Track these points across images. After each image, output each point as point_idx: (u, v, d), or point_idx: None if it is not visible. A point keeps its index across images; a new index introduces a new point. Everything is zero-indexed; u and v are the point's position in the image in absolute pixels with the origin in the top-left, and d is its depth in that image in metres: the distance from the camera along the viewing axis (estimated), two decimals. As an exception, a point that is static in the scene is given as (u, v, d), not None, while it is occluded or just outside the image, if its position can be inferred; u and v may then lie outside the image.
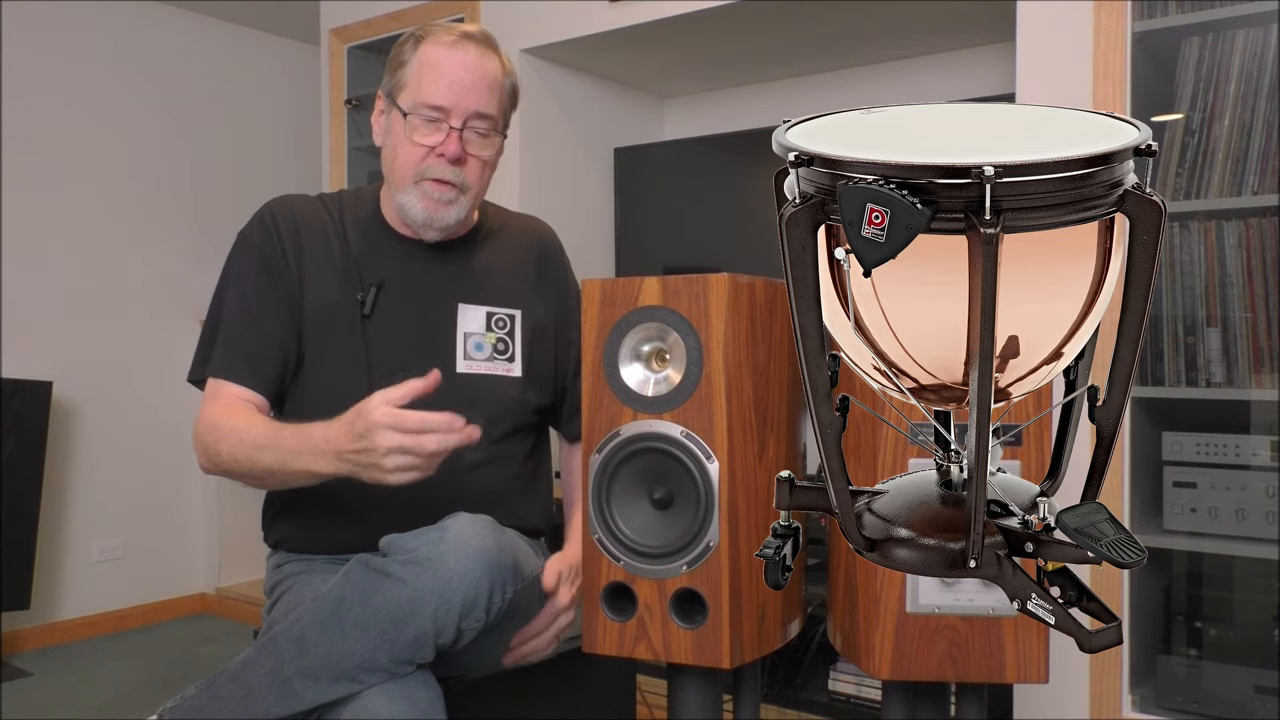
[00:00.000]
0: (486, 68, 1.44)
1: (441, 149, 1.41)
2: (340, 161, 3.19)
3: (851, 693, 2.21)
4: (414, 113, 1.42)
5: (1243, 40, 1.82)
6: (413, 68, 1.43)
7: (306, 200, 1.55)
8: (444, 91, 1.41)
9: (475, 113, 1.43)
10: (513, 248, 1.59)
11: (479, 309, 1.53)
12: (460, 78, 1.42)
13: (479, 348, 1.51)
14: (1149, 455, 1.89)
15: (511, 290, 1.56)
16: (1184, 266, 1.87)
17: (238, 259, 1.50)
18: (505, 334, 1.54)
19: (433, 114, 1.41)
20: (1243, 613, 1.90)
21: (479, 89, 1.43)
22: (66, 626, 3.34)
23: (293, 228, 1.49)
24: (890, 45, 2.63)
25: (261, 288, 1.46)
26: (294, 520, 1.52)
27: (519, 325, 1.55)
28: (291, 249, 1.48)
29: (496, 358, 1.53)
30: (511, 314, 1.55)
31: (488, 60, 1.45)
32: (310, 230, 1.50)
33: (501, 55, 1.48)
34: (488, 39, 1.47)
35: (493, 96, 1.45)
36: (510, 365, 1.54)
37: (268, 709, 1.25)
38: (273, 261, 1.47)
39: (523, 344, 1.55)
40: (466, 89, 1.42)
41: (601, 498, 1.32)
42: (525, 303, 1.56)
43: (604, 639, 1.32)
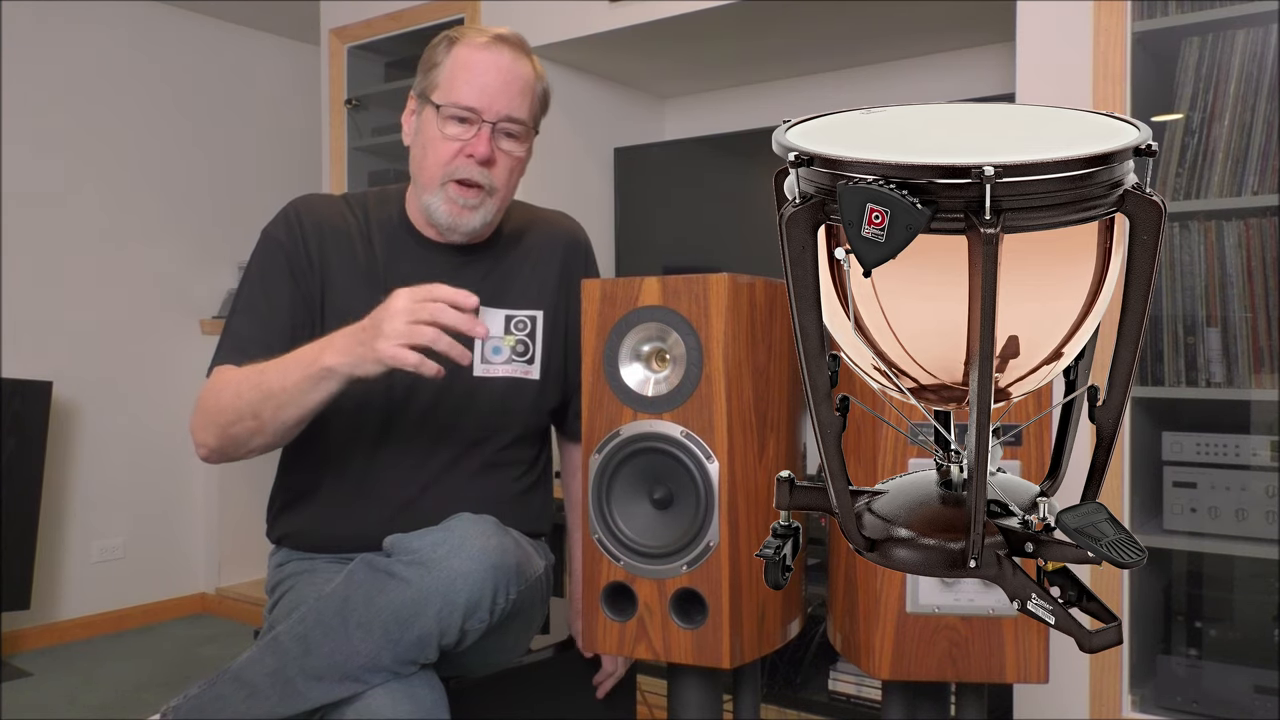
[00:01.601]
0: (519, 70, 1.44)
1: (471, 149, 1.41)
2: (340, 161, 3.19)
3: (851, 693, 2.21)
4: (446, 110, 1.42)
5: (1243, 40, 1.82)
6: (446, 68, 1.43)
7: (331, 200, 1.55)
8: (477, 93, 1.41)
9: (507, 116, 1.43)
10: (538, 246, 1.58)
11: (498, 313, 1.52)
12: (493, 80, 1.42)
13: (496, 351, 1.51)
14: (1149, 455, 1.89)
15: (535, 291, 1.55)
16: (1184, 266, 1.87)
17: (260, 255, 1.49)
18: (525, 335, 1.53)
19: (465, 113, 1.41)
20: (1243, 613, 1.90)
21: (511, 92, 1.43)
22: (66, 626, 3.34)
23: (318, 229, 1.49)
24: (890, 45, 2.63)
25: (279, 286, 1.45)
26: (297, 516, 1.52)
27: (540, 326, 1.54)
28: (316, 250, 1.47)
29: (515, 360, 1.52)
30: (532, 315, 1.54)
31: (520, 63, 1.45)
32: (335, 231, 1.49)
33: (534, 60, 1.49)
34: (521, 43, 1.47)
35: (525, 100, 1.45)
36: (529, 368, 1.53)
37: (271, 709, 1.25)
38: (296, 262, 1.46)
39: (544, 345, 1.54)
40: (499, 91, 1.42)
41: (601, 498, 1.32)
42: (548, 302, 1.55)
43: (604, 639, 1.32)
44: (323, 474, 1.49)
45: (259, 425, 1.33)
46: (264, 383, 1.31)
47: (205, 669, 2.93)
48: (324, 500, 1.48)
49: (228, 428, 1.35)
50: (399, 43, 3.10)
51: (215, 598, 3.71)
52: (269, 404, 1.31)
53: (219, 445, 1.38)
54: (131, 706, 2.73)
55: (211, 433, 1.38)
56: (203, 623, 3.60)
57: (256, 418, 1.32)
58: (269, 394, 1.31)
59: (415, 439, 1.47)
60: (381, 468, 1.47)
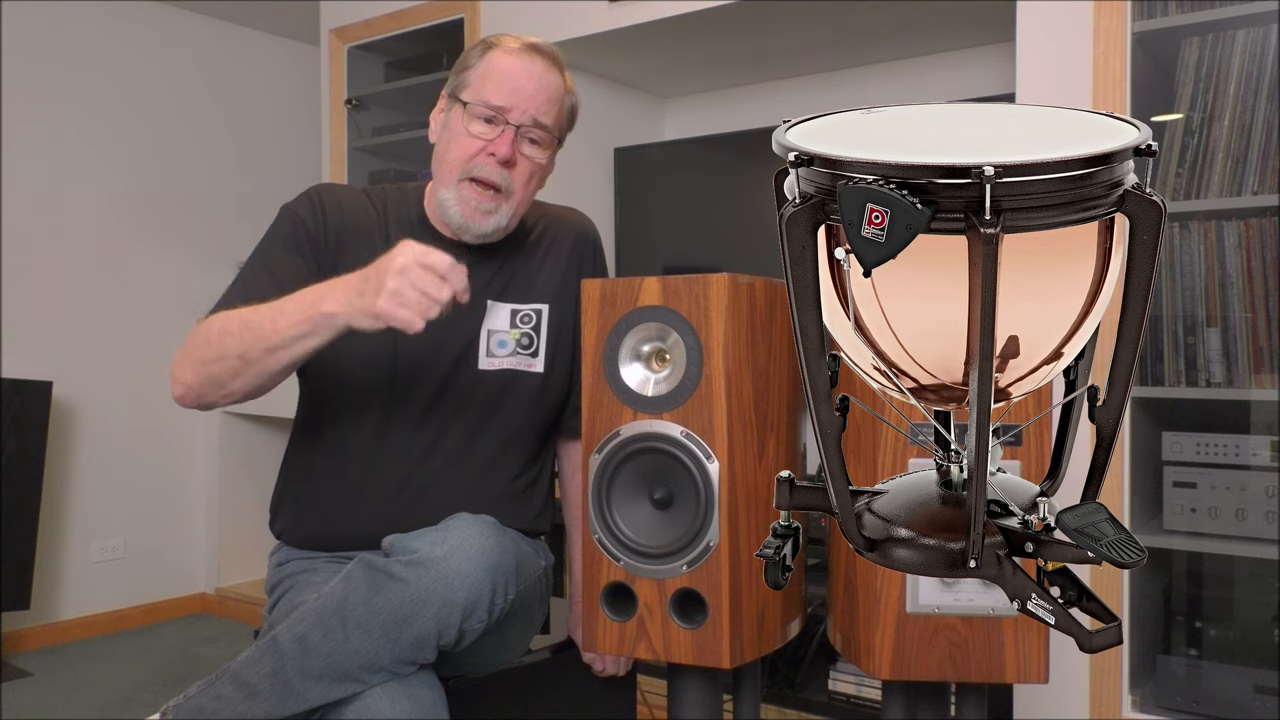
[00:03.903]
0: (550, 79, 1.46)
1: (493, 148, 1.42)
2: (340, 161, 3.19)
3: (851, 693, 2.21)
4: (474, 107, 1.43)
5: (1243, 40, 1.82)
6: (478, 70, 1.45)
7: (354, 191, 1.56)
8: (505, 94, 1.43)
9: (533, 119, 1.44)
10: (547, 241, 1.59)
11: (505, 306, 1.53)
12: (523, 84, 1.44)
13: (502, 345, 1.52)
14: (1149, 455, 1.89)
15: (542, 285, 1.56)
16: (1184, 266, 1.87)
17: (279, 227, 1.49)
18: (530, 329, 1.53)
19: (491, 112, 1.43)
20: (1243, 613, 1.90)
21: (540, 98, 1.45)
22: (66, 626, 3.34)
23: (339, 215, 1.50)
24: (890, 45, 2.63)
25: (294, 257, 1.45)
26: (298, 512, 1.52)
27: (545, 320, 1.55)
28: (335, 235, 1.48)
29: (520, 353, 1.52)
30: (538, 309, 1.54)
31: (551, 74, 1.47)
32: (355, 221, 1.50)
33: (566, 75, 1.51)
34: (555, 55, 1.49)
35: (552, 108, 1.47)
36: (533, 360, 1.53)
37: (270, 709, 1.25)
38: (314, 240, 1.47)
39: (549, 338, 1.54)
40: (529, 95, 1.44)
41: (601, 498, 1.32)
42: (554, 296, 1.56)
43: (604, 639, 1.32)
44: (325, 464, 1.49)
45: (242, 365, 1.30)
46: (256, 321, 1.29)
47: (205, 669, 2.93)
48: (326, 491, 1.49)
49: (209, 364, 1.32)
50: (399, 43, 3.10)
51: (215, 598, 3.71)
52: (257, 345, 1.28)
53: (196, 384, 1.35)
54: (131, 706, 2.73)
55: (191, 369, 1.35)
56: (202, 623, 3.60)
57: (241, 357, 1.30)
58: (260, 335, 1.28)
59: (418, 430, 1.48)
60: (383, 458, 1.47)
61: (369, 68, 3.20)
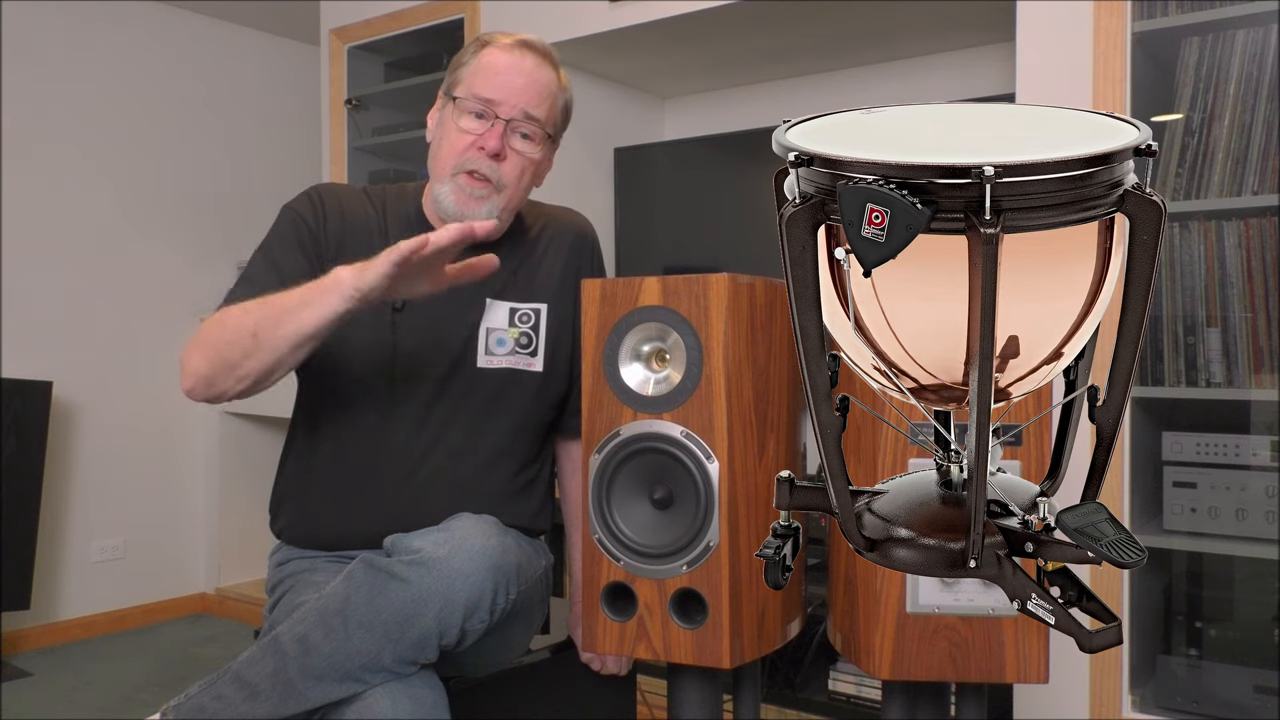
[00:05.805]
0: (541, 75, 1.47)
1: (483, 141, 1.43)
2: (340, 161, 3.19)
3: (851, 693, 2.21)
4: (464, 102, 1.45)
5: (1243, 40, 1.82)
6: (471, 66, 1.47)
7: (353, 191, 1.58)
8: (495, 88, 1.44)
9: (523, 112, 1.45)
10: (545, 241, 1.60)
11: (504, 305, 1.53)
12: (514, 79, 1.45)
13: (500, 343, 1.52)
14: (1149, 455, 1.89)
15: (541, 284, 1.56)
16: (1184, 266, 1.87)
17: (281, 226, 1.50)
18: (529, 328, 1.54)
19: (481, 107, 1.44)
20: (1243, 613, 1.90)
21: (530, 92, 1.45)
22: (66, 626, 3.34)
23: (339, 214, 1.51)
24: (890, 45, 2.63)
25: (296, 255, 1.46)
26: (299, 511, 1.52)
27: (544, 319, 1.55)
28: (335, 235, 1.49)
29: (519, 352, 1.53)
30: (536, 308, 1.55)
31: (543, 69, 1.48)
32: (355, 221, 1.51)
33: (560, 71, 1.51)
34: (548, 52, 1.50)
35: (543, 102, 1.47)
36: (531, 360, 1.54)
37: (271, 709, 1.25)
38: (315, 239, 1.48)
39: (547, 338, 1.55)
40: (519, 90, 1.45)
41: (601, 498, 1.32)
42: (552, 296, 1.56)
43: (604, 639, 1.32)
44: (325, 463, 1.50)
45: (254, 344, 1.29)
46: (269, 300, 1.31)
47: (205, 669, 2.93)
48: (326, 490, 1.49)
49: (223, 348, 1.32)
50: (399, 43, 3.10)
51: (215, 598, 3.71)
52: (269, 320, 1.29)
53: (207, 371, 1.33)
54: (131, 706, 2.73)
55: (202, 354, 1.34)
56: (202, 623, 3.60)
57: (254, 334, 1.29)
58: (271, 309, 1.30)
59: (417, 427, 1.48)
60: (383, 456, 1.47)
61: (369, 68, 3.20)
